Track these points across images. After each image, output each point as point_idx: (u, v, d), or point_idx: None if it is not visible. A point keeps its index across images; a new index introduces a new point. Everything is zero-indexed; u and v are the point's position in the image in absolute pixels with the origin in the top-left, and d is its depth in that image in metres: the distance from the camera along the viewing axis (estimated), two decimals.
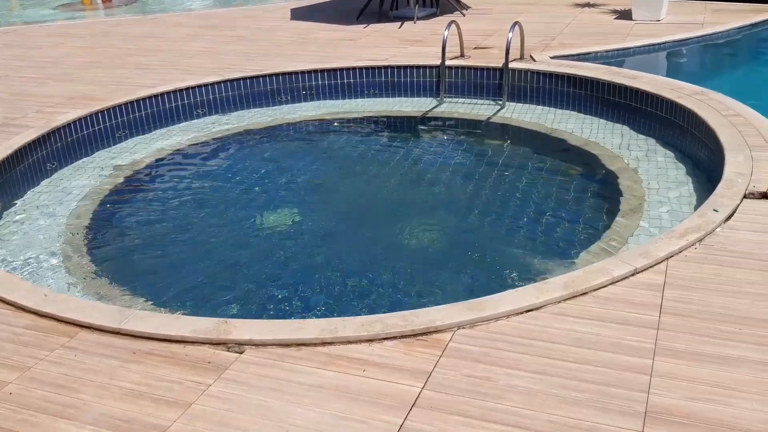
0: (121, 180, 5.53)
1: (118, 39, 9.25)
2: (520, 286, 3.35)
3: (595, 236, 4.37)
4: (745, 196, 4.01)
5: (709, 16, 8.84)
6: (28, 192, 5.32)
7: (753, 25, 8.46)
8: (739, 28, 8.33)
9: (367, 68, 7.23)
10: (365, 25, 9.24)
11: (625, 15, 9.01)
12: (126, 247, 4.58)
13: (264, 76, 7.12)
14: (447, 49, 6.89)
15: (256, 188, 5.40)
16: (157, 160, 5.91)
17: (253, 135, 6.47)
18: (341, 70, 7.23)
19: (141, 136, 6.39)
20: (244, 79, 7.04)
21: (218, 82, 6.94)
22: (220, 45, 8.56)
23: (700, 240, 3.60)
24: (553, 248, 4.34)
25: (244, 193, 5.32)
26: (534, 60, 7.04)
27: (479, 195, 5.14)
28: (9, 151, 5.28)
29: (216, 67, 7.44)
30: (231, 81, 6.99)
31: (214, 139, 6.36)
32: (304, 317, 3.51)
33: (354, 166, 5.79)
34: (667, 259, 3.44)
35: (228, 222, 4.84)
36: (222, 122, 6.73)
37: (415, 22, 9.28)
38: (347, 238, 4.61)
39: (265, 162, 5.91)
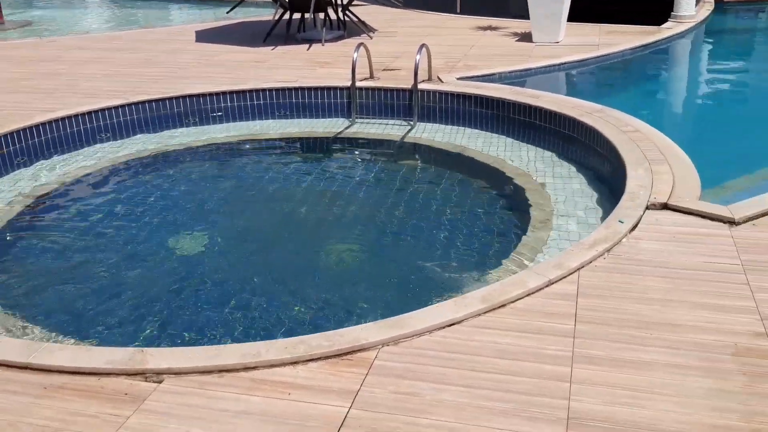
0: (22, 208, 5.25)
1: (11, 62, 8.84)
2: (440, 301, 3.39)
3: (507, 250, 4.48)
4: (647, 208, 4.21)
5: (604, 37, 9.31)
6: None
7: (644, 46, 8.97)
8: (632, 48, 8.80)
9: (277, 90, 7.20)
10: (273, 48, 9.21)
11: (526, 37, 9.36)
12: (30, 277, 4.34)
13: (170, 98, 6.96)
14: (356, 70, 6.95)
15: (166, 214, 5.25)
16: (59, 187, 5.65)
17: (161, 159, 6.30)
18: (251, 91, 7.16)
19: (42, 162, 6.10)
20: (150, 101, 6.87)
21: (122, 105, 6.73)
22: (123, 68, 8.32)
23: (608, 250, 3.75)
24: (469, 263, 4.42)
25: (154, 218, 5.15)
26: (441, 81, 7.20)
27: (394, 214, 5.18)
28: None
29: (119, 90, 7.22)
30: (136, 104, 6.80)
31: (120, 163, 6.15)
32: (224, 343, 3.42)
33: (267, 188, 5.73)
34: (578, 269, 3.57)
35: (138, 249, 4.68)
36: (127, 147, 6.52)
37: (323, 44, 9.32)
38: (264, 261, 4.54)
39: (174, 186, 5.76)
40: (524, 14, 9.41)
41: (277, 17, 9.88)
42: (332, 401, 2.67)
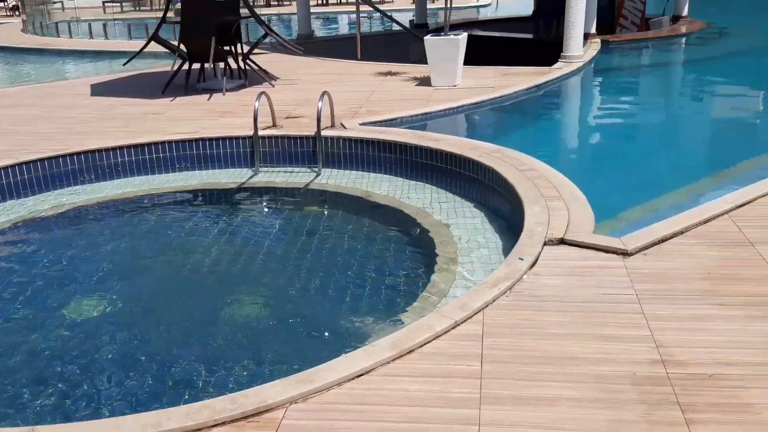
0: None
1: None
2: (350, 351, 3.36)
3: (415, 293, 4.51)
4: (545, 244, 4.34)
5: (499, 79, 9.66)
6: None
7: (537, 87, 9.35)
8: (526, 89, 9.16)
9: (177, 142, 7.07)
10: (172, 99, 9.08)
11: (425, 82, 9.60)
12: None
13: (65, 155, 6.71)
14: (258, 119, 6.93)
15: (60, 277, 5.02)
16: None
17: (55, 219, 6.05)
18: (150, 144, 7.01)
19: None
20: (41, 160, 6.60)
21: (11, 166, 6.44)
22: (13, 125, 7.99)
23: (510, 288, 3.83)
24: (379, 309, 4.42)
25: (48, 282, 4.91)
26: (345, 127, 7.27)
27: (302, 263, 5.14)
28: None
29: (7, 149, 6.91)
30: (27, 163, 6.51)
31: (11, 226, 5.86)
32: (123, 413, 3.26)
33: (169, 244, 5.57)
34: (483, 309, 3.62)
35: (32, 315, 4.43)
36: (19, 208, 6.22)
37: (224, 94, 9.27)
38: (167, 322, 4.38)
39: (70, 247, 5.53)
40: (423, 59, 9.66)
41: (175, 68, 9.76)
42: None
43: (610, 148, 7.64)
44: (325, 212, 6.32)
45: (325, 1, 24.68)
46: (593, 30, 12.50)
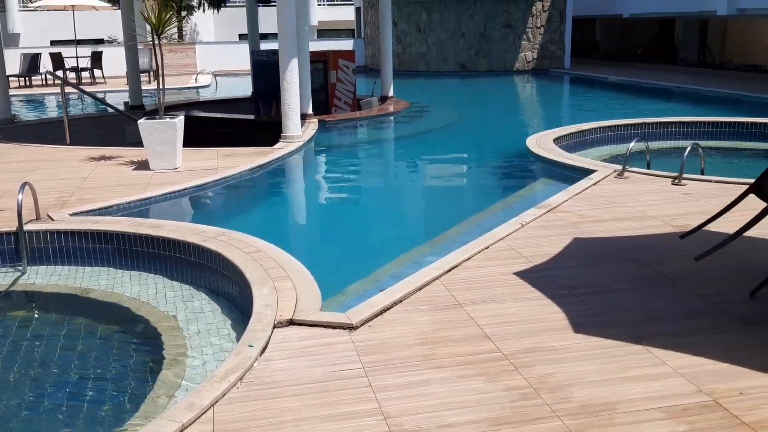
0: None
1: None
2: None
3: (141, 396, 4.18)
4: (275, 326, 4.31)
5: (222, 161, 9.62)
6: None
7: (260, 167, 9.46)
8: (250, 170, 9.21)
9: None
10: None
11: (143, 165, 9.23)
12: None
13: None
14: None
15: None
16: None
17: None
18: None
19: None
20: None
21: None
22: None
23: (241, 378, 3.71)
24: (101, 421, 4.00)
25: None
26: (52, 219, 6.67)
27: (4, 381, 4.50)
28: None
29: None
30: None
31: None
32: None
33: None
34: (212, 405, 3.45)
35: None
36: None
37: None
38: None
39: None
40: (140, 142, 9.30)
41: None
42: None
43: (334, 224, 7.95)
44: (34, 316, 5.68)
45: (27, 82, 22.86)
46: (310, 111, 13.08)
